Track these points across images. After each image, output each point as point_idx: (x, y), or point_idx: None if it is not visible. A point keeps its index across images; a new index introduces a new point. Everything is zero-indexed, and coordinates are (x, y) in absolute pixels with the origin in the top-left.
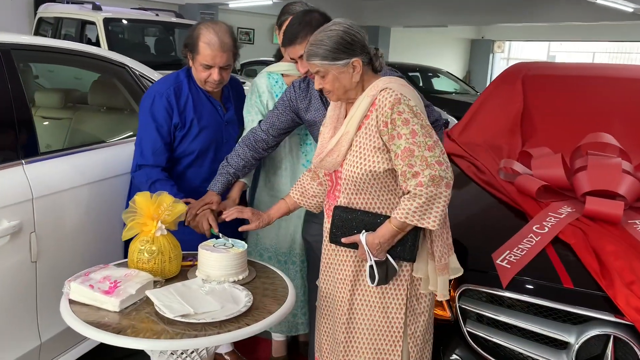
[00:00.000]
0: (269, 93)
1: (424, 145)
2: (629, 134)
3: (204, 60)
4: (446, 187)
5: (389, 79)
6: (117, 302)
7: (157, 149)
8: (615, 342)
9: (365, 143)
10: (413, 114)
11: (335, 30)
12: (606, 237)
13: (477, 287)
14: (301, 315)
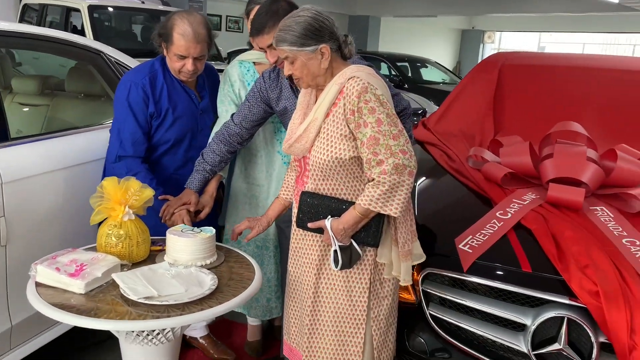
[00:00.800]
0: (240, 82)
1: (388, 134)
2: (600, 123)
3: (178, 50)
4: (409, 176)
5: (357, 68)
6: (82, 285)
7: (136, 139)
8: (569, 324)
9: (332, 130)
10: (379, 102)
11: (303, 16)
12: (566, 223)
13: (440, 271)
14: (275, 300)
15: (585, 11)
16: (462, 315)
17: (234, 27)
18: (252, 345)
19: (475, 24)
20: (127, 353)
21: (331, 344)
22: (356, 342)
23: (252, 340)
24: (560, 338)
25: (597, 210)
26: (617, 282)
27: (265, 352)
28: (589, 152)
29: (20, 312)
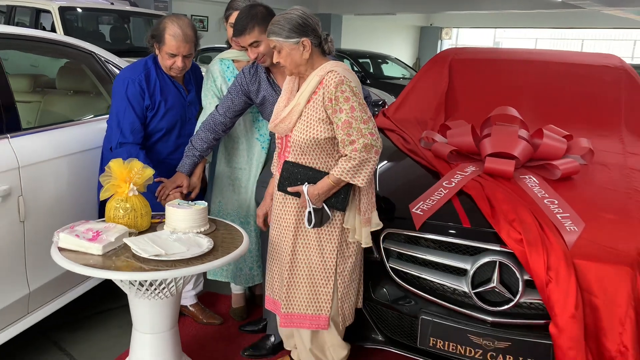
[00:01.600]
0: (222, 78)
1: (360, 119)
2: (533, 107)
3: (169, 49)
4: (375, 154)
5: (336, 63)
6: (100, 247)
7: (135, 128)
8: (500, 267)
9: (312, 115)
10: (353, 93)
11: (291, 14)
12: (499, 188)
13: (397, 230)
14: (256, 268)
15: (535, 8)
16: (417, 266)
17: (199, 26)
18: (237, 311)
19: (433, 21)
20: (135, 308)
21: (305, 294)
22: (326, 292)
23: (237, 307)
24: (494, 278)
25: (526, 178)
26: (537, 232)
27: (248, 317)
28: (521, 132)
29: (37, 280)
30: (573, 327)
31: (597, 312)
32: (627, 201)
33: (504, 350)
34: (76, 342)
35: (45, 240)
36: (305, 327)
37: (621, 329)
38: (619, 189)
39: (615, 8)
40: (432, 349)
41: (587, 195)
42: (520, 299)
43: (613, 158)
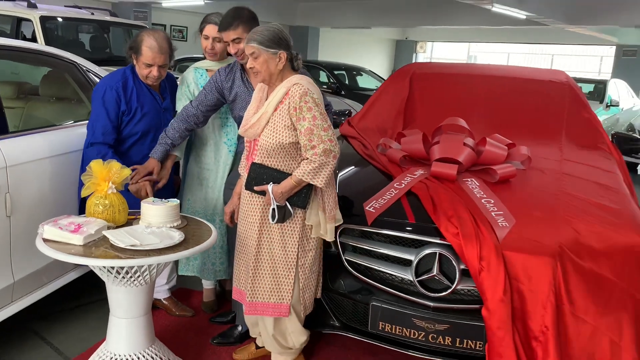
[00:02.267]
0: (194, 84)
1: (320, 127)
2: (483, 117)
3: (145, 60)
4: (333, 158)
5: (301, 77)
6: (82, 238)
7: (106, 130)
8: (440, 257)
9: (278, 122)
10: (315, 104)
11: (274, 27)
12: (441, 189)
13: (352, 226)
14: (219, 264)
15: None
16: (369, 258)
17: (178, 36)
18: (208, 305)
19: (409, 34)
20: (112, 295)
21: (269, 284)
22: (288, 282)
23: (208, 301)
24: (434, 268)
25: (468, 180)
26: (472, 227)
27: (218, 310)
28: (467, 140)
29: (21, 271)
30: (502, 310)
31: (523, 297)
32: (555, 201)
33: (444, 332)
34: (56, 332)
35: (29, 234)
36: (268, 314)
37: (543, 311)
38: (550, 191)
39: (578, 26)
40: (381, 333)
41: (520, 196)
42: (457, 286)
43: (550, 164)
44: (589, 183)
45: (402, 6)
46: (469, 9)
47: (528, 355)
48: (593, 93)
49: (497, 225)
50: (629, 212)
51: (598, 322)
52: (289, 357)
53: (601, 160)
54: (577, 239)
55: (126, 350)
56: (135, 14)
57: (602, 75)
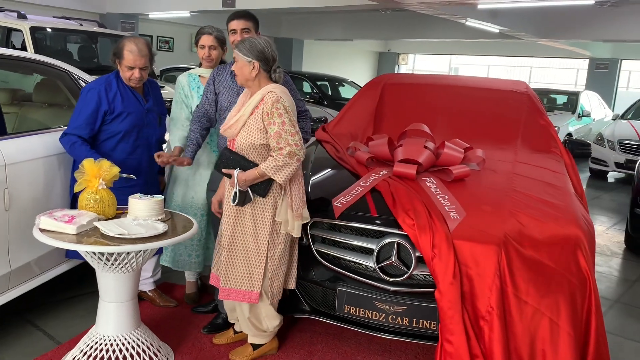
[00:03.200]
0: (188, 87)
1: (288, 132)
2: (446, 124)
3: (127, 63)
4: (297, 161)
5: (277, 86)
6: (75, 227)
7: (79, 125)
8: (398, 246)
9: (252, 124)
10: (285, 111)
11: (257, 39)
12: (402, 186)
13: (322, 219)
14: (195, 257)
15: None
16: (336, 248)
17: (164, 46)
18: (190, 296)
19: (391, 47)
20: (102, 280)
21: (242, 272)
22: (259, 271)
23: (190, 292)
24: (393, 255)
25: (427, 179)
26: (426, 219)
27: (200, 302)
28: (428, 143)
29: (17, 260)
30: (452, 292)
31: (472, 281)
32: (503, 198)
33: (402, 313)
34: (47, 321)
35: (25, 227)
36: (239, 300)
37: (489, 293)
38: (500, 188)
39: (549, 40)
40: (346, 315)
41: (472, 193)
42: (413, 271)
43: (503, 165)
44: (537, 182)
45: (384, 20)
46: (447, 23)
47: (476, 332)
48: (566, 104)
49: (449, 217)
50: (570, 208)
51: (538, 303)
52: (263, 339)
53: (552, 162)
54: (521, 230)
55: (114, 332)
56: (122, 24)
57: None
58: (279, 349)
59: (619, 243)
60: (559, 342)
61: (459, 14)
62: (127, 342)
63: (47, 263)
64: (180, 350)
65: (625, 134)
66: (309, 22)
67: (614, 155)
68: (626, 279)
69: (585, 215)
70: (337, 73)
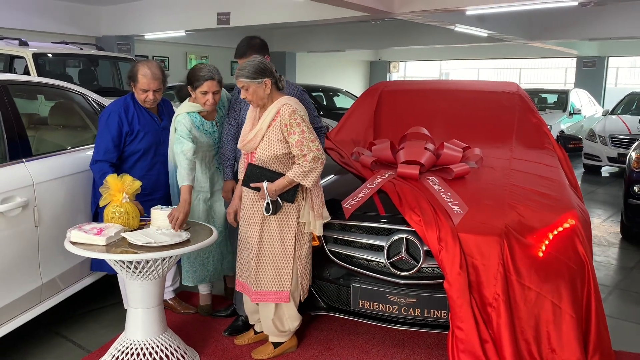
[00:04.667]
0: (194, 127)
1: (309, 139)
2: (444, 126)
3: (141, 86)
4: (320, 164)
5: (289, 98)
6: (104, 239)
7: (108, 149)
8: (406, 242)
9: (272, 137)
10: (302, 120)
11: (255, 60)
12: (407, 186)
13: (333, 220)
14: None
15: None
16: (348, 247)
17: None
18: (204, 308)
19: (382, 55)
20: (130, 288)
21: (271, 274)
22: (287, 272)
23: (204, 305)
24: (402, 250)
25: (429, 178)
26: (432, 215)
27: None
28: (428, 145)
29: (48, 274)
30: (459, 282)
31: (477, 271)
32: (503, 192)
33: (413, 305)
34: (74, 332)
35: (54, 242)
36: (272, 300)
37: (495, 282)
38: (499, 183)
39: (537, 41)
40: (361, 310)
41: (473, 189)
42: (422, 264)
43: (500, 162)
44: (533, 176)
45: (375, 29)
46: (436, 29)
47: (485, 318)
48: (557, 102)
49: (453, 212)
50: (565, 198)
51: (540, 288)
52: (283, 338)
53: (546, 157)
54: (520, 220)
55: (142, 337)
56: (118, 46)
57: (567, 85)
58: (298, 346)
59: (615, 233)
60: (562, 324)
61: (448, 21)
62: (155, 345)
63: (73, 277)
64: (204, 352)
65: (616, 129)
66: (301, 35)
67: (607, 150)
68: (623, 267)
69: (580, 205)
70: (331, 83)
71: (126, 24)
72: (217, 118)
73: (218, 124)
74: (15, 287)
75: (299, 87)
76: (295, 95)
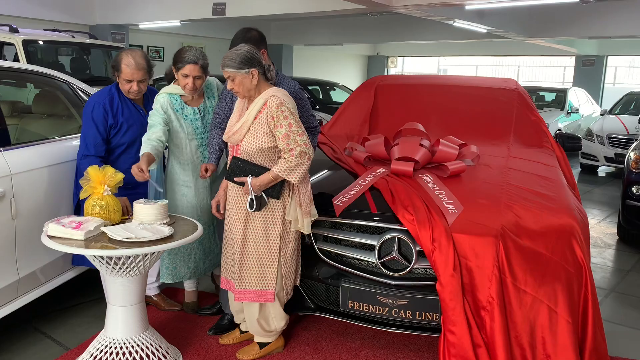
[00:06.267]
0: (171, 109)
1: (296, 133)
2: (440, 122)
3: (125, 76)
4: (307, 159)
5: (277, 90)
6: (83, 233)
7: (97, 143)
8: (399, 241)
9: (258, 129)
10: (290, 113)
11: (240, 50)
12: (400, 183)
13: (323, 218)
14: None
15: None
16: (338, 246)
17: (155, 56)
18: (189, 305)
19: (380, 50)
20: (110, 285)
21: (255, 273)
22: (272, 271)
23: (190, 302)
24: (394, 250)
25: (424, 176)
26: (425, 214)
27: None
28: (423, 141)
29: (25, 268)
30: (453, 284)
31: (471, 273)
32: (499, 191)
33: (404, 307)
34: (55, 328)
35: (32, 235)
36: (255, 300)
37: (489, 284)
38: (495, 182)
39: (536, 38)
40: (350, 311)
41: (469, 187)
42: (414, 265)
43: (497, 160)
44: (530, 175)
45: (372, 23)
46: (435, 24)
47: (478, 322)
48: (555, 101)
49: (448, 211)
50: (563, 198)
51: (537, 292)
52: (270, 339)
53: (544, 156)
54: (517, 221)
55: (123, 335)
56: (112, 35)
57: (565, 84)
58: (285, 347)
59: (612, 235)
60: (558, 330)
61: (446, 16)
62: (136, 344)
63: (54, 271)
64: (188, 351)
65: (614, 129)
66: (298, 28)
67: (604, 150)
68: (620, 269)
69: (578, 206)
70: (328, 77)
71: (120, 12)
72: (201, 106)
73: (202, 112)
74: None
75: (296, 84)
76: (292, 92)
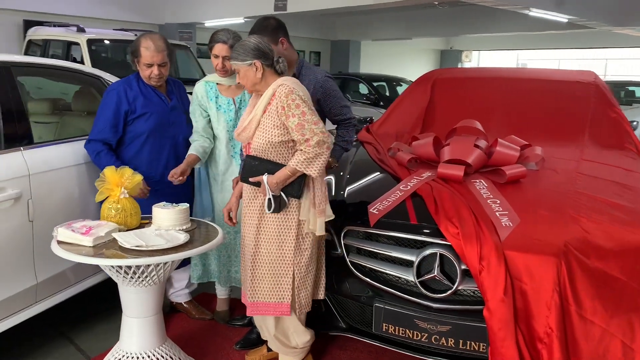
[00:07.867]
0: (205, 97)
1: (311, 121)
2: (502, 120)
3: (145, 60)
4: (327, 149)
5: (286, 78)
6: (91, 240)
7: (103, 128)
8: (441, 258)
9: (268, 122)
10: (302, 100)
11: (247, 41)
12: (446, 190)
13: (356, 227)
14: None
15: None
16: (372, 260)
17: None
18: (220, 315)
19: (453, 44)
20: (124, 295)
21: (268, 284)
22: (287, 281)
23: (220, 310)
24: (435, 268)
25: (476, 182)
26: (473, 227)
27: (233, 316)
28: (479, 142)
29: (43, 272)
30: (502, 310)
31: (526, 298)
32: (564, 201)
33: (446, 333)
34: (81, 333)
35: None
36: (270, 314)
37: (547, 312)
38: (560, 190)
39: (625, 27)
40: (385, 334)
41: (529, 196)
42: (459, 286)
43: (566, 164)
44: (605, 182)
45: (442, 15)
46: (510, 15)
47: (533, 356)
48: None
49: (500, 225)
50: None
51: (607, 323)
52: (295, 357)
53: (625, 159)
54: (585, 237)
55: (137, 349)
56: (180, 34)
57: None
58: None
59: None
60: None
61: (521, 4)
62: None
63: (80, 274)
64: None
65: None
66: (364, 23)
67: None
68: None
69: None
70: (398, 73)
71: (188, 11)
72: (237, 98)
73: (237, 105)
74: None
75: (323, 72)
76: (319, 81)
